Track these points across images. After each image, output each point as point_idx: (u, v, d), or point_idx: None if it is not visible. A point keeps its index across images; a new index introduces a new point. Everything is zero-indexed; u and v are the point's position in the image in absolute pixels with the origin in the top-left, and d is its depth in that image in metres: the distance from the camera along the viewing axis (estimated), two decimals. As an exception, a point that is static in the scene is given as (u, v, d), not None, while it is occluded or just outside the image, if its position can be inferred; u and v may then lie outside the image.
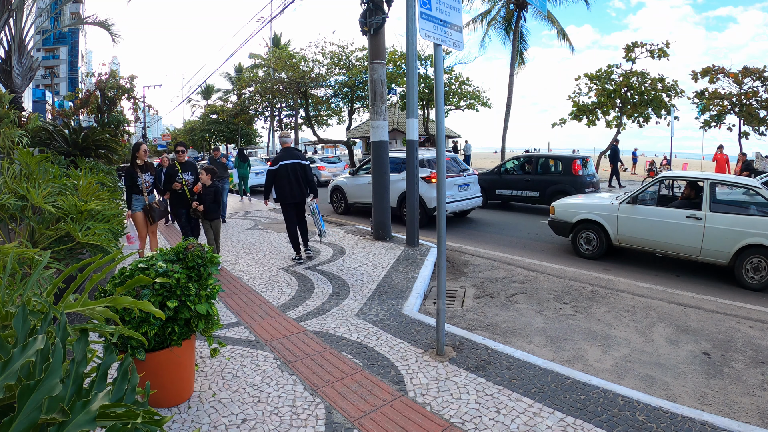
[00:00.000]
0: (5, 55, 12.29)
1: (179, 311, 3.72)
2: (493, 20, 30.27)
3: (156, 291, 3.68)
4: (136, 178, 7.71)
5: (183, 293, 3.75)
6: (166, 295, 3.71)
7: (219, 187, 8.45)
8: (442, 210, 4.51)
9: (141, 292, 3.65)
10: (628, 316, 6.04)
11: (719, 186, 7.92)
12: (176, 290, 3.73)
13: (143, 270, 3.78)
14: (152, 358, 3.63)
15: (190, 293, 3.77)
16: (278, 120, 45.07)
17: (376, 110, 9.90)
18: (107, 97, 24.77)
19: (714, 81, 23.92)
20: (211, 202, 7.96)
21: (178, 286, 3.75)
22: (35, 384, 1.40)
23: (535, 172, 15.49)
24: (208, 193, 7.93)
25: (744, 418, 3.85)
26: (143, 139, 38.63)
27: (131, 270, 3.80)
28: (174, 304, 3.70)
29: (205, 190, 7.89)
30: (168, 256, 3.99)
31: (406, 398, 3.86)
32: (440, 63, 4.50)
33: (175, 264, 3.89)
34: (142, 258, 4.00)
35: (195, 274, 3.90)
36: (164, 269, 3.76)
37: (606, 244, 8.82)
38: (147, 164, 8.00)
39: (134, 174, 7.73)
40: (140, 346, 3.59)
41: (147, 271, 3.76)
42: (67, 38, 64.96)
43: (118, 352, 3.40)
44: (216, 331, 4.24)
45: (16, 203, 4.79)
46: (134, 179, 7.72)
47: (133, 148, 8.03)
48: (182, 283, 3.76)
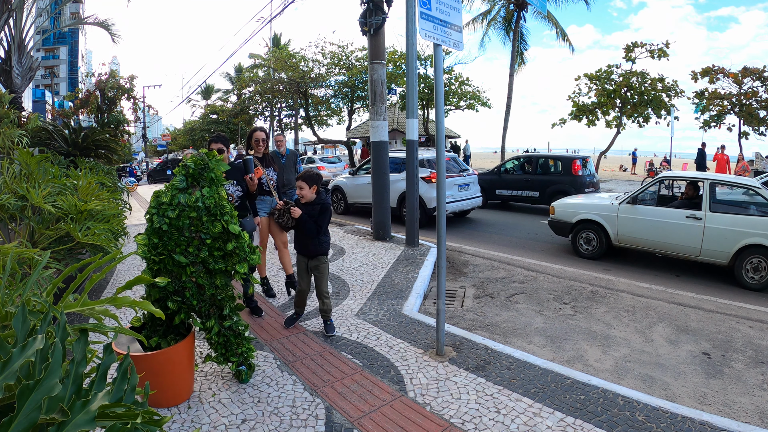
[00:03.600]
0: (5, 55, 12.29)
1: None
2: (493, 20, 30.27)
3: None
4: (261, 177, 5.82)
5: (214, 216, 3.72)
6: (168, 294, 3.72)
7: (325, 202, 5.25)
8: (442, 210, 4.51)
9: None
10: (628, 316, 6.04)
11: (719, 186, 7.92)
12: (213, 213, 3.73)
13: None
14: (152, 358, 3.62)
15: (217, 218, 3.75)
16: (278, 120, 45.08)
17: (376, 110, 9.89)
18: (107, 97, 24.75)
19: (714, 81, 23.96)
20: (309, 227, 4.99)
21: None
22: (35, 384, 1.39)
23: (535, 172, 15.49)
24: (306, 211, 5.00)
25: (744, 418, 3.86)
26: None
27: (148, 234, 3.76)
28: (175, 307, 3.70)
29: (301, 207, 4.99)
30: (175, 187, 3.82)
31: (405, 398, 3.86)
32: (440, 63, 4.50)
33: (188, 191, 3.79)
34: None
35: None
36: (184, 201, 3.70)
37: (606, 244, 8.82)
38: (267, 156, 6.26)
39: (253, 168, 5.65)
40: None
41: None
42: (67, 38, 64.98)
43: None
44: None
45: (16, 203, 4.79)
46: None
47: (248, 135, 6.29)
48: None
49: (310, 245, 5.01)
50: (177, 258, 3.65)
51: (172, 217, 3.66)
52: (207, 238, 3.71)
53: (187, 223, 3.68)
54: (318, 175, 5.07)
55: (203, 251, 3.72)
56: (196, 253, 3.71)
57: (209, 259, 3.76)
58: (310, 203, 4.97)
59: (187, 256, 3.71)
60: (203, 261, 3.76)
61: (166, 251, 3.69)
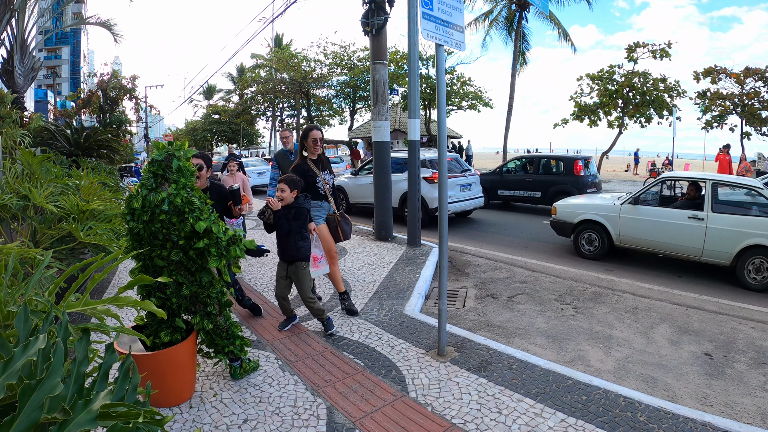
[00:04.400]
0: (7, 56, 12.32)
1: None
2: (495, 20, 30.26)
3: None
4: (315, 177, 5.57)
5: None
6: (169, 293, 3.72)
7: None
8: (444, 210, 4.50)
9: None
10: (630, 316, 6.03)
11: (721, 187, 7.91)
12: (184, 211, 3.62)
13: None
14: (154, 357, 3.63)
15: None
16: (280, 120, 45.14)
17: (378, 110, 9.89)
18: (109, 97, 24.78)
19: (716, 81, 23.93)
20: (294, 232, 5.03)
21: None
22: (36, 383, 1.40)
23: (537, 173, 15.48)
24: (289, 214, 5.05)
25: (745, 419, 3.85)
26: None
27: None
28: (158, 303, 3.69)
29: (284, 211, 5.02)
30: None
31: (407, 398, 3.86)
32: (442, 63, 4.50)
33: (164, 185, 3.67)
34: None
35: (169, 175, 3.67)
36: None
37: (608, 245, 8.81)
38: (322, 158, 5.75)
39: (309, 171, 5.53)
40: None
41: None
42: (69, 38, 65.07)
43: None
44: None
45: (18, 203, 4.80)
46: (311, 179, 5.54)
47: (302, 135, 5.69)
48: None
49: (287, 249, 5.01)
50: (155, 261, 3.64)
51: (146, 220, 3.60)
52: (179, 239, 3.65)
53: (158, 226, 3.60)
54: (300, 181, 5.11)
55: (174, 253, 3.67)
56: (170, 257, 3.68)
57: (184, 259, 3.73)
58: (287, 206, 4.99)
59: (163, 259, 3.69)
60: (179, 262, 3.73)
61: (147, 254, 3.69)
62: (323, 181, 5.65)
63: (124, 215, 3.68)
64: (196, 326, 3.85)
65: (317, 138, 5.58)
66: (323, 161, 5.77)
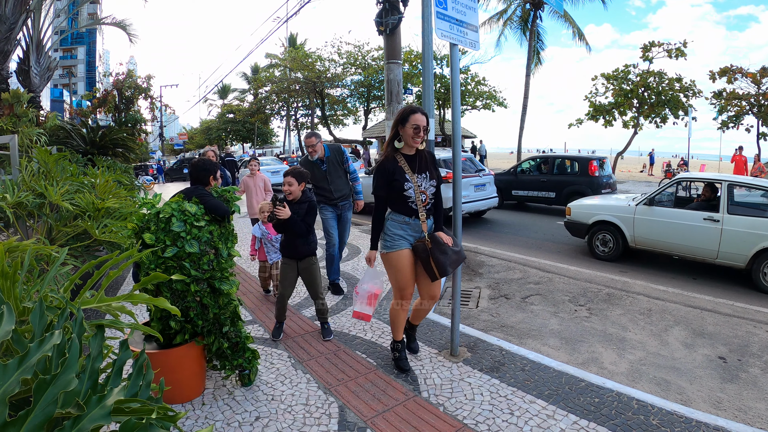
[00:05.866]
0: (24, 55, 12.41)
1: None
2: (509, 20, 30.14)
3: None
4: (403, 182, 3.97)
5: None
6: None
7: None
8: (458, 210, 4.49)
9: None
10: (644, 318, 5.99)
11: (737, 188, 7.82)
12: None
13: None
14: (167, 354, 3.65)
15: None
16: (294, 119, 45.29)
17: (392, 110, 9.90)
18: (124, 97, 24.98)
19: (732, 81, 23.74)
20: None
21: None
22: (51, 378, 1.41)
23: (552, 173, 15.41)
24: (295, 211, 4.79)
25: (759, 424, 3.81)
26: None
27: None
28: (177, 327, 3.69)
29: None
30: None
31: (419, 398, 3.85)
32: (456, 63, 4.49)
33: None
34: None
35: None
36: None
37: (622, 246, 8.76)
38: (423, 155, 4.10)
39: (396, 172, 3.98)
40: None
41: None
42: (85, 38, 65.78)
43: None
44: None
45: (34, 201, 4.84)
46: (398, 184, 3.96)
47: (398, 118, 4.02)
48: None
49: (299, 247, 4.85)
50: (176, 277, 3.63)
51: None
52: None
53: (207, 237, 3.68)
54: (307, 172, 4.91)
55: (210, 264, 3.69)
56: (205, 268, 3.68)
57: (217, 274, 3.74)
58: (297, 202, 4.84)
59: (189, 273, 3.64)
60: (209, 279, 3.73)
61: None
62: (416, 187, 3.97)
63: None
64: (212, 346, 3.84)
65: (420, 125, 3.92)
66: (424, 159, 4.09)
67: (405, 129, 3.94)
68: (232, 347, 3.89)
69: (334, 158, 6.45)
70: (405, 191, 3.94)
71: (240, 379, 4.08)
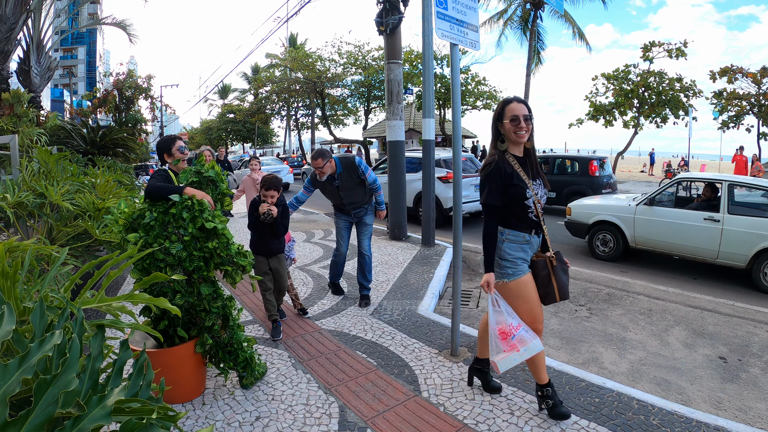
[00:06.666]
0: (24, 55, 12.41)
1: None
2: (510, 20, 30.14)
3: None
4: (525, 189, 3.32)
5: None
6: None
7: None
8: (459, 210, 4.49)
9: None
10: (644, 318, 5.99)
11: (737, 188, 7.82)
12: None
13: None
14: (167, 354, 3.65)
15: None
16: (294, 119, 45.32)
17: (393, 110, 9.90)
18: (125, 97, 24.93)
19: (732, 81, 23.76)
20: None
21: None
22: (52, 378, 1.41)
23: (552, 173, 15.39)
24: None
25: (759, 424, 3.81)
26: None
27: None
28: (181, 301, 3.68)
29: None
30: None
31: (419, 398, 3.85)
32: (456, 63, 4.49)
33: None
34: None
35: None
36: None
37: (623, 246, 8.76)
38: (530, 157, 3.50)
39: (514, 176, 3.33)
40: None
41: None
42: (85, 38, 65.84)
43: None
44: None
45: (35, 201, 4.85)
46: (519, 192, 3.32)
47: (496, 113, 3.43)
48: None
49: (273, 245, 5.19)
50: (156, 255, 3.62)
51: (161, 211, 3.67)
52: (185, 234, 3.65)
53: (169, 218, 3.66)
54: (279, 179, 5.17)
55: (173, 246, 3.63)
56: (169, 251, 3.63)
57: (186, 260, 3.69)
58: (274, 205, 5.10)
59: (164, 252, 3.64)
60: (181, 262, 3.70)
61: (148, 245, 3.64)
62: (535, 197, 3.40)
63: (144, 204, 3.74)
64: (200, 340, 3.83)
65: (519, 114, 3.30)
66: (535, 162, 3.52)
67: (504, 125, 3.37)
68: (222, 348, 3.87)
69: (347, 174, 5.85)
70: (526, 201, 3.34)
71: (240, 381, 4.06)
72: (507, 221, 3.39)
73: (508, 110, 3.33)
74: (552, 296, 3.52)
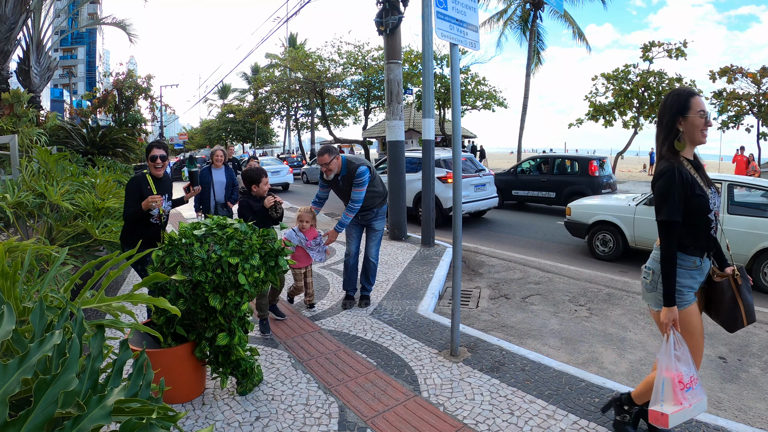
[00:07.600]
0: (24, 55, 12.42)
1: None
2: (510, 20, 30.19)
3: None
4: (707, 199, 2.91)
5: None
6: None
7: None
8: (458, 210, 4.49)
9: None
10: (644, 318, 5.98)
11: (737, 188, 7.81)
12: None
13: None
14: (167, 354, 3.65)
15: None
16: (294, 119, 45.32)
17: (392, 110, 9.90)
18: (124, 97, 24.95)
19: (732, 81, 23.74)
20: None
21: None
22: (52, 378, 1.41)
23: (552, 173, 15.41)
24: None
25: (759, 423, 3.81)
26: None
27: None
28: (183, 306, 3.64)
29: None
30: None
31: (419, 398, 3.85)
32: (456, 63, 4.49)
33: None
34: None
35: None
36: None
37: (622, 246, 8.75)
38: (697, 162, 3.02)
39: (690, 180, 2.87)
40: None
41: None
42: (85, 38, 65.84)
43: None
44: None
45: (35, 201, 4.85)
46: (702, 203, 2.89)
47: (683, 98, 2.90)
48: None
49: None
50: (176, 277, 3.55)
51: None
52: (215, 252, 3.63)
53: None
54: (259, 169, 5.25)
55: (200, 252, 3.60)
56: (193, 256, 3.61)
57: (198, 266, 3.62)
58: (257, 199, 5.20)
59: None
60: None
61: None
62: (715, 209, 2.97)
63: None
64: (199, 347, 3.80)
65: (705, 110, 2.89)
66: (703, 167, 3.05)
67: (688, 120, 2.84)
68: (224, 356, 3.82)
69: (348, 178, 5.69)
70: (710, 212, 2.87)
71: (237, 388, 4.00)
72: (692, 238, 2.95)
73: (696, 103, 2.82)
74: (740, 322, 2.96)
